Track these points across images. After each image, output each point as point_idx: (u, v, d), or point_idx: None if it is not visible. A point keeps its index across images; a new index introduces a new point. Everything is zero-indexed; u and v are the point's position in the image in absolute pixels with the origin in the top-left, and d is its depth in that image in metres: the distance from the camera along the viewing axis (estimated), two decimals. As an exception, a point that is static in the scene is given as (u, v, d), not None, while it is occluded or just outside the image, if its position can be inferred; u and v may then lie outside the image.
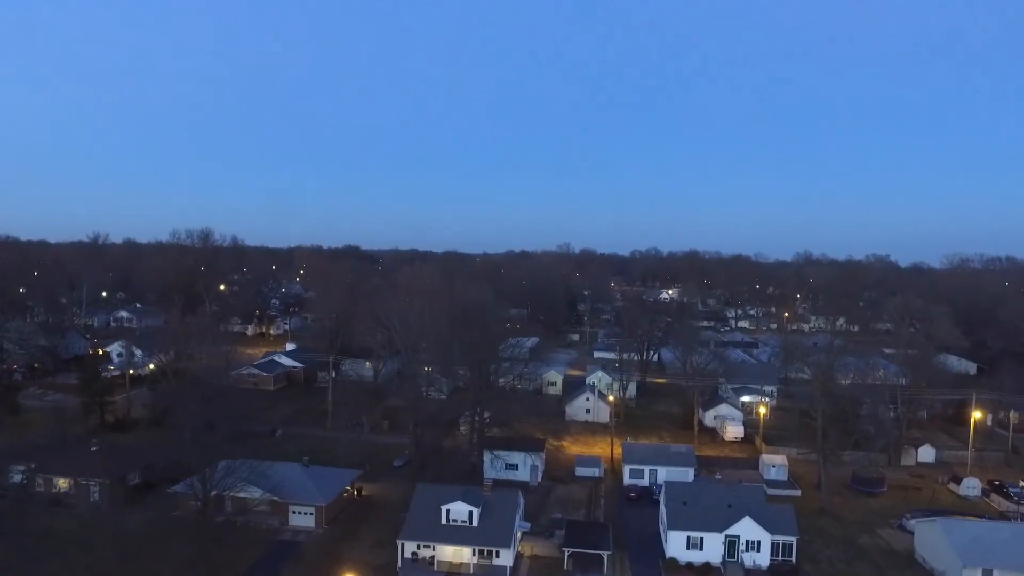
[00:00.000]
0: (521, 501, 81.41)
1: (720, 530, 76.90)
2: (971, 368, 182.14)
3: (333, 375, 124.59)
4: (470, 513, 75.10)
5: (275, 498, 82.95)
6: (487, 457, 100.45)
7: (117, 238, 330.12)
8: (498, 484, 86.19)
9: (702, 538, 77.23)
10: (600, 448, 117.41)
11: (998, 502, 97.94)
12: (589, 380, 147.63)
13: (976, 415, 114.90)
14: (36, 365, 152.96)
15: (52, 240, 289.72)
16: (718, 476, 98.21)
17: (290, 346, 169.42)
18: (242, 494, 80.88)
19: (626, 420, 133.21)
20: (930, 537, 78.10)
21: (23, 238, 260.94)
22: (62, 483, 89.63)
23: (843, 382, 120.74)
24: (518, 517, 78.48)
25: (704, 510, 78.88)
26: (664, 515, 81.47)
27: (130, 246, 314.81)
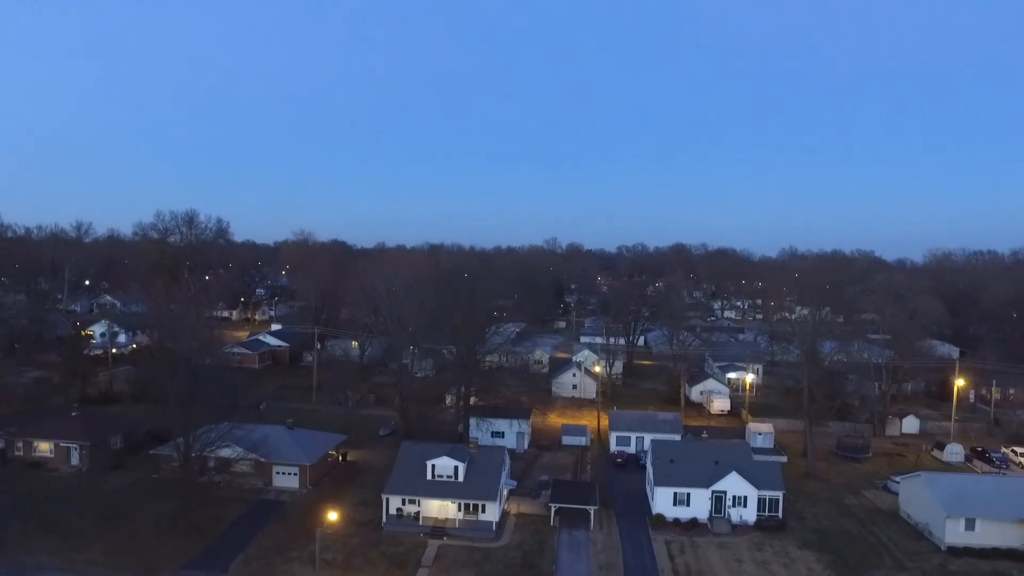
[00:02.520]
0: (507, 459, 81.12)
1: (707, 486, 76.79)
2: (954, 352, 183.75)
3: (318, 347, 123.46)
4: (456, 468, 74.65)
5: (258, 458, 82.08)
6: (473, 423, 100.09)
7: (101, 228, 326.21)
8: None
9: (689, 494, 77.08)
10: (587, 421, 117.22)
11: (980, 467, 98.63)
12: (576, 358, 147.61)
13: (959, 383, 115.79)
14: (16, 345, 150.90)
15: (32, 224, 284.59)
16: (704, 435, 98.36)
17: (275, 326, 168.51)
18: (225, 452, 79.75)
19: (612, 397, 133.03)
20: (914, 492, 78.46)
21: (5, 221, 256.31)
22: (42, 447, 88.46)
23: (829, 358, 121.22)
24: (504, 474, 78.11)
25: (691, 467, 78.85)
26: (651, 473, 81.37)
27: (113, 237, 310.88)
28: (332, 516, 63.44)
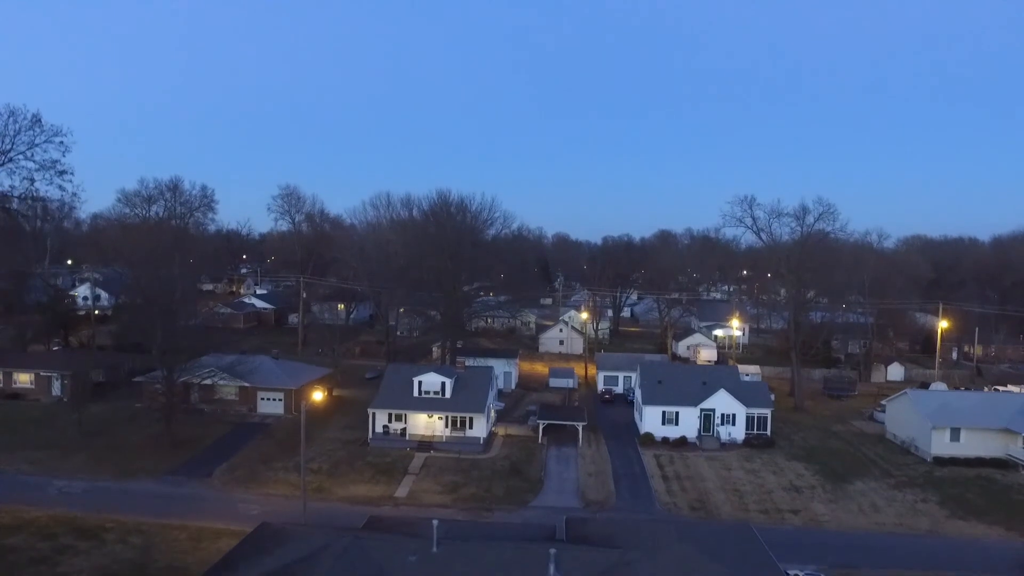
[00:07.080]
0: (495, 380, 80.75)
1: (695, 404, 76.81)
2: (935, 321, 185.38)
3: (304, 296, 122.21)
4: (443, 384, 74.17)
5: (242, 382, 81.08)
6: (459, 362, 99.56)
7: (83, 213, 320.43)
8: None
9: (677, 412, 77.05)
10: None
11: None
12: (563, 318, 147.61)
13: (943, 325, 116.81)
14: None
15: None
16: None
17: (261, 290, 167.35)
18: (208, 379, 78.81)
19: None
20: (901, 410, 78.93)
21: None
22: (22, 378, 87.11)
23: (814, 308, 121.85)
24: (492, 393, 77.82)
25: (679, 387, 78.89)
26: (639, 395, 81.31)
27: (97, 219, 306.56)
28: (317, 396, 62.50)
